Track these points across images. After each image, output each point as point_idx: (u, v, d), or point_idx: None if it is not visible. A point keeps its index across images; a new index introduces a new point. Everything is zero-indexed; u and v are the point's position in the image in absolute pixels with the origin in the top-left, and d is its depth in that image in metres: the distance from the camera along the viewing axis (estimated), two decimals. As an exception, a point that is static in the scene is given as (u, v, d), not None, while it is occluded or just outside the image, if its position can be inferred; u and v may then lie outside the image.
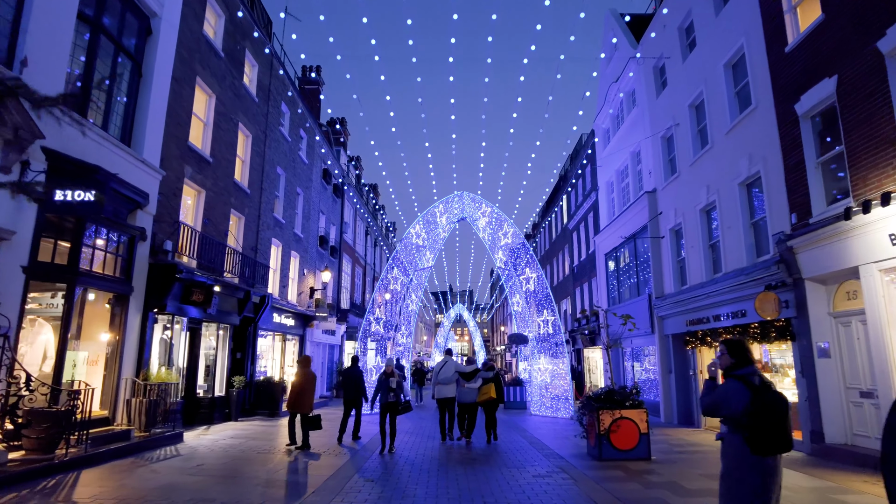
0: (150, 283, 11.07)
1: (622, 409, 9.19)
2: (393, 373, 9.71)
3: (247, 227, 16.28)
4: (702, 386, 13.94)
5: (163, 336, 11.99)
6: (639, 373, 19.58)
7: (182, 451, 9.40)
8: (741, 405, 3.70)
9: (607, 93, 21.36)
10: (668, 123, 15.76)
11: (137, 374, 10.51)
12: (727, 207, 12.43)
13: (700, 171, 13.84)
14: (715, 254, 13.53)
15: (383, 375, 9.87)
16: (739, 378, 3.84)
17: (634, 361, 19.05)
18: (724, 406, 3.83)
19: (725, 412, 3.83)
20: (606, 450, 9.06)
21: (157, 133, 11.43)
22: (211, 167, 14.02)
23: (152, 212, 11.19)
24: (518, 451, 10.02)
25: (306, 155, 22.37)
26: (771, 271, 10.14)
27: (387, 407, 9.68)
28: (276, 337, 19.42)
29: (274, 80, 18.77)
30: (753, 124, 11.35)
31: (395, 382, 9.62)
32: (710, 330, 13.00)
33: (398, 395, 9.70)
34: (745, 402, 3.69)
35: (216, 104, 14.38)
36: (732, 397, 3.77)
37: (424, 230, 20.19)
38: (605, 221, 21.89)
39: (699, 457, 9.39)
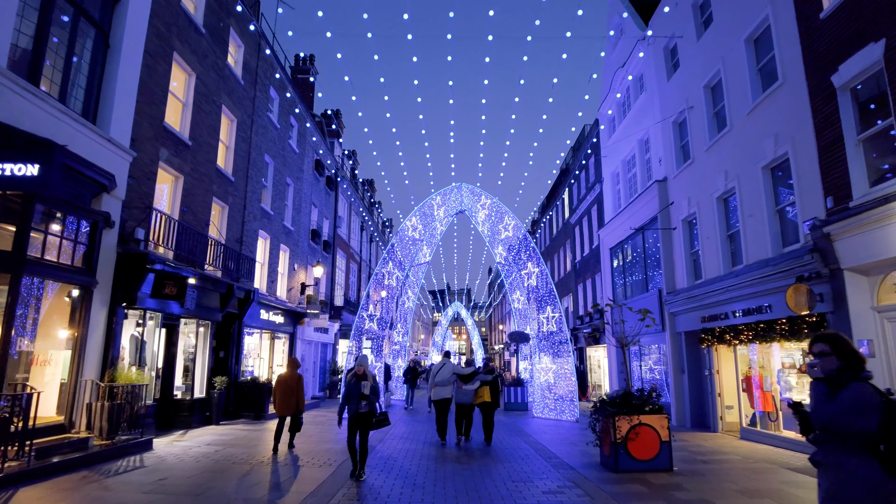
0: (118, 274, 10.04)
1: (641, 414, 8.21)
2: (365, 375, 7.50)
3: (231, 218, 15.25)
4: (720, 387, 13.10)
5: (134, 333, 10.97)
6: (644, 372, 18.65)
7: (148, 461, 8.38)
8: (876, 418, 2.73)
9: (613, 79, 20.38)
10: (681, 107, 14.79)
11: (102, 375, 9.49)
12: (748, 194, 11.46)
13: (717, 156, 12.87)
14: (733, 245, 12.57)
15: (352, 378, 7.49)
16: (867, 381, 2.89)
17: (641, 360, 18.10)
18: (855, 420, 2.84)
19: (857, 428, 2.84)
20: (623, 460, 8.08)
21: (126, 110, 10.40)
22: (190, 151, 12.99)
23: (121, 196, 10.16)
24: (523, 460, 9.05)
25: (297, 144, 21.34)
26: (803, 261, 9.17)
27: (357, 420, 7.39)
28: (265, 335, 18.40)
29: (262, 62, 17.73)
30: (780, 102, 10.38)
31: (367, 388, 7.34)
32: (728, 327, 12.04)
33: (372, 405, 7.45)
34: (879, 413, 2.72)
35: (196, 84, 13.35)
36: (867, 407, 2.80)
37: (421, 223, 19.19)
38: (609, 214, 20.93)
39: (727, 467, 8.42)
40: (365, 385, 7.37)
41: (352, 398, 7.39)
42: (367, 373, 7.58)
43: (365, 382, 7.39)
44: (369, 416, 7.46)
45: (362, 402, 7.35)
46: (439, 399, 11.04)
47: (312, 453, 9.49)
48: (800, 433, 3.35)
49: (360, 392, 7.33)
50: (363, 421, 7.39)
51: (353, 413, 7.38)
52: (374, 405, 7.49)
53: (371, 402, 7.43)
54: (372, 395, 7.42)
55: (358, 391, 7.36)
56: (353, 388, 7.42)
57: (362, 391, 7.32)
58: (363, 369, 7.54)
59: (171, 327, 12.43)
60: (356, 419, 7.38)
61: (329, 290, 25.56)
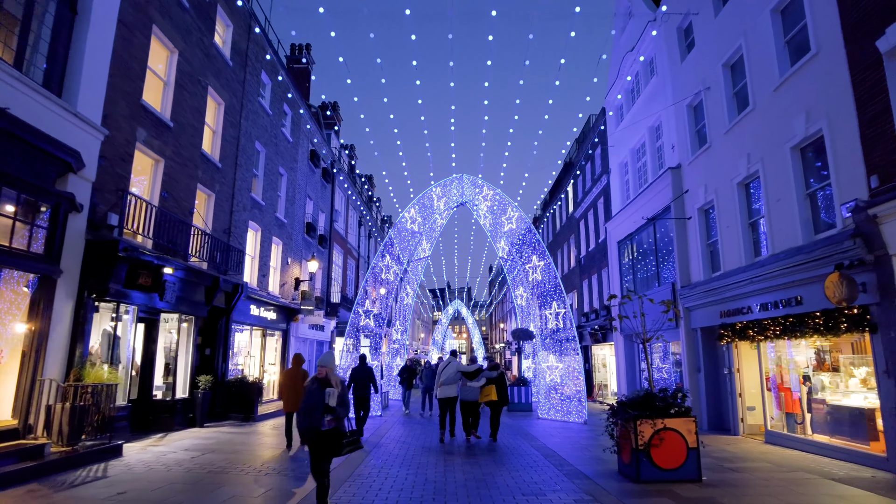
0: (87, 263, 9.14)
1: (665, 417, 7.32)
2: (328, 379, 5.56)
3: (217, 207, 14.34)
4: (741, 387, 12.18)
5: (107, 328, 10.07)
6: (654, 371, 17.76)
7: (112, 470, 7.49)
8: None
9: (621, 65, 19.46)
10: (696, 89, 13.88)
11: (68, 373, 8.60)
12: (775, 177, 10.56)
13: (738, 138, 11.97)
14: (756, 234, 11.67)
15: (313, 384, 5.58)
16: None
17: (652, 358, 17.21)
18: None
19: None
20: (646, 468, 7.19)
21: (97, 84, 9.49)
22: (172, 133, 12.08)
23: (90, 178, 9.26)
24: (532, 469, 8.15)
25: (290, 133, 20.43)
26: (843, 247, 8.27)
27: (320, 440, 5.41)
28: (256, 331, 17.51)
29: (252, 45, 16.82)
30: (812, 75, 9.48)
31: (333, 397, 5.39)
32: (750, 322, 11.15)
33: (340, 420, 5.50)
34: None
35: (179, 62, 12.44)
36: None
37: (420, 215, 18.29)
38: (617, 206, 20.02)
39: (761, 477, 7.52)
40: (330, 394, 5.39)
41: (312, 411, 5.41)
42: (334, 377, 5.58)
43: (330, 390, 5.41)
44: (336, 437, 5.47)
45: (326, 418, 5.38)
46: (445, 397, 11.07)
47: (300, 460, 8.59)
48: None
49: (323, 403, 5.39)
50: (327, 443, 5.43)
51: (314, 432, 5.40)
52: (341, 421, 5.53)
53: (339, 416, 5.47)
54: (340, 407, 5.46)
55: (320, 402, 5.40)
56: (314, 397, 5.44)
57: (326, 402, 5.37)
58: (326, 371, 5.58)
59: (151, 322, 11.54)
60: (318, 440, 5.41)
61: (325, 287, 24.67)
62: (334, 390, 5.44)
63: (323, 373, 5.61)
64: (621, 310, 8.55)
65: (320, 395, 5.42)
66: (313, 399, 5.45)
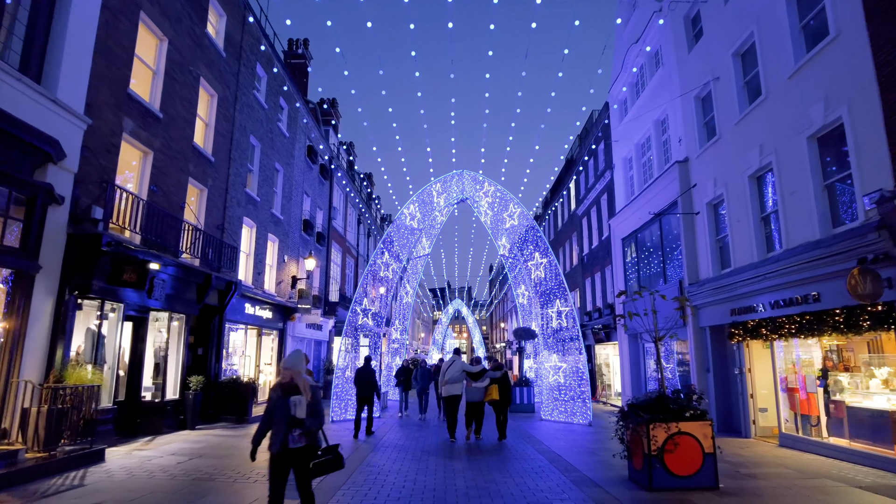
0: (68, 258, 8.70)
1: (680, 420, 6.87)
2: (294, 385, 4.53)
3: (210, 202, 13.89)
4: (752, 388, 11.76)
5: (91, 326, 9.62)
6: (652, 370, 17.33)
7: (90, 477, 7.04)
8: None
9: (625, 57, 19.00)
10: (705, 79, 13.43)
11: (47, 375, 8.14)
12: (790, 169, 10.11)
13: (749, 129, 11.51)
14: (769, 228, 11.22)
15: (276, 392, 4.58)
16: None
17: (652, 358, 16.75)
18: None
19: None
20: (659, 475, 6.74)
21: (79, 71, 9.04)
22: (161, 124, 11.63)
23: (72, 168, 8.81)
24: (537, 474, 7.71)
25: (287, 127, 19.97)
26: (866, 241, 7.82)
27: (285, 461, 4.47)
28: (251, 331, 17.07)
29: (247, 36, 16.37)
30: (831, 60, 9.02)
31: (301, 407, 4.37)
32: (763, 320, 10.69)
33: (312, 435, 4.50)
34: None
35: (169, 50, 11.99)
36: None
37: (420, 211, 17.83)
38: (621, 202, 19.56)
39: (782, 485, 7.06)
40: (296, 403, 4.35)
41: (276, 424, 4.46)
42: (302, 382, 4.54)
43: (298, 398, 4.37)
44: (306, 456, 4.45)
45: (294, 432, 4.38)
46: (449, 396, 11.06)
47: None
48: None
49: (289, 414, 4.37)
50: (296, 463, 4.45)
51: (278, 450, 4.39)
52: (314, 435, 4.53)
53: (309, 430, 4.45)
54: (311, 418, 4.44)
55: (286, 413, 4.39)
56: (279, 407, 4.46)
57: (293, 413, 4.33)
58: (292, 375, 4.55)
59: (139, 321, 11.09)
60: (283, 460, 4.43)
61: (323, 285, 24.22)
62: (302, 398, 4.38)
63: (288, 377, 4.55)
64: (632, 307, 8.11)
65: (285, 405, 4.41)
66: (278, 409, 4.45)
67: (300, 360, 4.67)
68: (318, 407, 4.54)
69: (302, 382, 4.53)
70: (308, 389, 4.51)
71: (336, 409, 14.32)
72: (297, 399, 4.38)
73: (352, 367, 15.03)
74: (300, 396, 4.41)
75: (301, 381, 4.53)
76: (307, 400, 4.43)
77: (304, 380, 4.56)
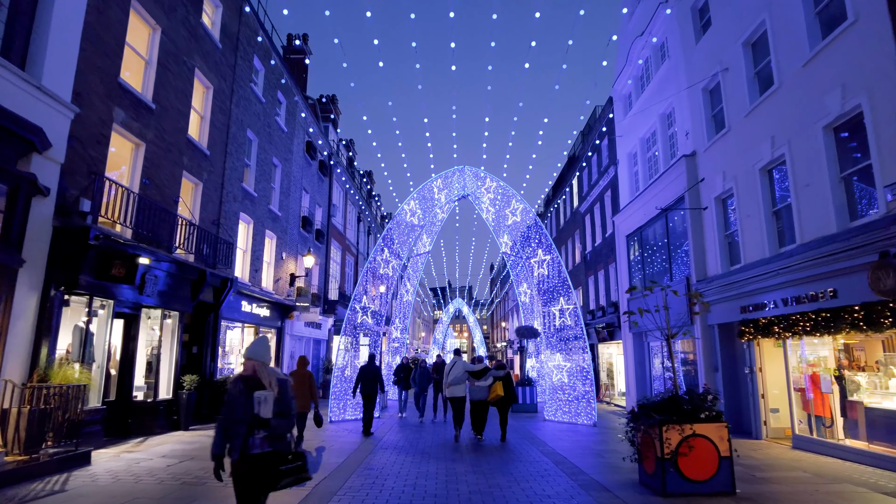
0: (54, 252, 8.35)
1: (695, 422, 6.51)
2: (258, 378, 3.83)
3: (205, 196, 13.54)
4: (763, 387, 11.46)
5: (79, 324, 9.27)
6: (658, 369, 16.98)
7: (74, 482, 6.69)
8: None
9: (629, 51, 18.63)
10: (713, 70, 13.06)
11: (31, 374, 7.80)
12: (804, 160, 9.74)
13: (760, 120, 11.15)
14: (781, 223, 10.85)
15: (237, 385, 3.85)
16: None
17: (663, 357, 16.40)
18: None
19: None
20: (673, 480, 6.39)
21: (66, 57, 8.70)
22: (154, 115, 11.28)
23: (58, 159, 8.47)
24: (543, 478, 7.35)
25: (285, 122, 19.62)
26: (888, 233, 7.45)
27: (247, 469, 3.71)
28: (248, 329, 16.72)
29: (244, 28, 16.01)
30: (849, 46, 8.66)
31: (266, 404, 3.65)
32: (776, 317, 10.32)
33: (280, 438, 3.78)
34: None
35: (162, 40, 11.64)
36: None
37: (420, 208, 17.47)
38: (626, 199, 19.19)
39: (802, 490, 6.71)
40: (262, 399, 3.62)
41: (236, 426, 3.69)
42: (267, 374, 3.80)
43: (263, 394, 3.64)
44: (271, 463, 3.69)
45: (257, 435, 3.67)
46: (453, 397, 11.18)
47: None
48: None
49: (251, 413, 3.65)
50: (259, 472, 3.68)
51: (239, 457, 3.66)
52: (282, 439, 3.77)
53: (276, 433, 3.71)
54: (279, 418, 3.71)
55: (248, 412, 3.66)
56: (239, 404, 3.71)
57: (256, 411, 3.61)
58: (255, 367, 3.82)
59: (130, 318, 10.75)
60: (246, 468, 3.67)
61: (322, 283, 23.88)
62: (268, 394, 3.64)
63: (250, 368, 3.83)
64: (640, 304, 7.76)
65: (247, 401, 3.66)
66: (238, 406, 3.70)
67: (265, 349, 3.92)
68: (287, 405, 3.79)
69: (267, 376, 3.80)
70: (275, 383, 3.77)
71: (335, 409, 13.98)
72: (261, 395, 3.63)
73: (351, 366, 14.68)
74: (266, 391, 3.67)
75: (266, 375, 3.80)
76: (274, 396, 3.69)
77: (269, 372, 3.83)
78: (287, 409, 3.79)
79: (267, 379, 3.78)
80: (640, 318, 7.34)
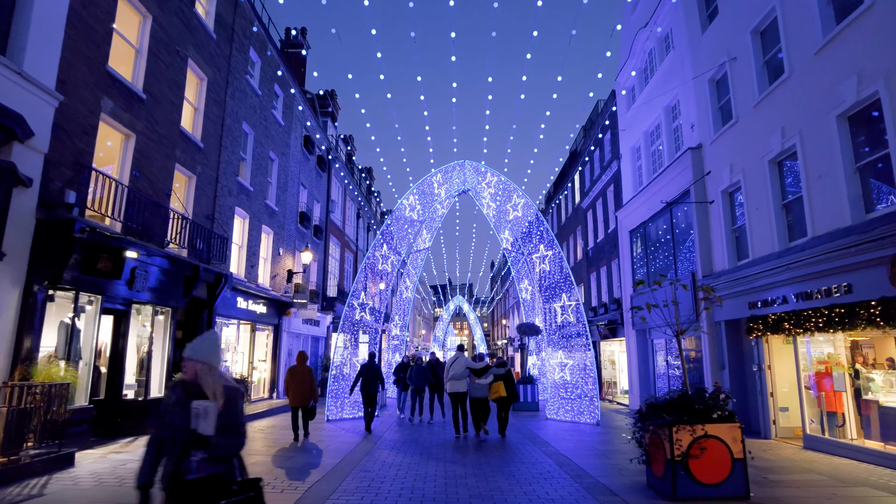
0: (37, 245, 8.04)
1: (707, 423, 6.19)
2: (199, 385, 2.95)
3: (199, 190, 13.21)
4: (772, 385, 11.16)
5: (65, 320, 8.95)
6: (662, 367, 16.67)
7: (54, 485, 6.38)
8: None
9: (633, 42, 18.28)
10: (720, 60, 12.70)
11: (13, 371, 7.49)
12: (816, 151, 9.40)
13: (770, 111, 10.81)
14: (791, 216, 10.52)
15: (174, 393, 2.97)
16: None
17: (668, 354, 16.09)
18: None
19: None
20: (683, 484, 6.06)
21: (50, 43, 8.36)
22: (145, 106, 10.95)
23: (42, 149, 8.14)
24: (546, 481, 7.04)
25: (282, 116, 19.28)
26: (908, 225, 7.12)
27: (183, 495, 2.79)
28: (244, 326, 16.41)
29: (240, 19, 15.67)
30: (865, 31, 8.31)
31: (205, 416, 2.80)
32: (786, 313, 9.98)
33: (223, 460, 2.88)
34: None
35: (153, 28, 11.30)
36: None
37: (420, 202, 17.13)
38: (629, 193, 18.85)
39: (820, 495, 6.38)
40: (201, 412, 2.84)
41: (169, 443, 2.89)
42: (212, 381, 2.96)
43: (204, 405, 2.85)
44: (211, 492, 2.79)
45: (194, 456, 2.82)
46: (455, 392, 11.22)
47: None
48: None
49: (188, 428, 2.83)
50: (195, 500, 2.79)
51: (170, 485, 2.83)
52: (227, 462, 2.92)
53: (219, 454, 2.86)
54: (224, 436, 2.86)
55: (184, 426, 2.85)
56: (175, 416, 2.90)
57: (194, 427, 2.82)
58: (196, 370, 2.96)
59: (120, 314, 10.43)
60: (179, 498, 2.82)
61: (321, 280, 23.56)
62: (210, 405, 2.84)
63: (191, 372, 2.96)
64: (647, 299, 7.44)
65: (184, 413, 2.84)
66: (175, 421, 2.87)
67: (212, 348, 3.04)
68: (234, 419, 2.93)
69: (212, 382, 2.94)
70: (221, 393, 2.92)
71: (332, 407, 13.67)
72: (201, 406, 2.82)
73: (350, 364, 14.37)
74: (207, 402, 2.85)
75: (210, 380, 2.94)
76: (219, 407, 2.87)
77: (216, 378, 2.97)
78: (235, 424, 2.92)
79: (211, 387, 2.93)
80: (648, 313, 7.02)
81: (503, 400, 10.98)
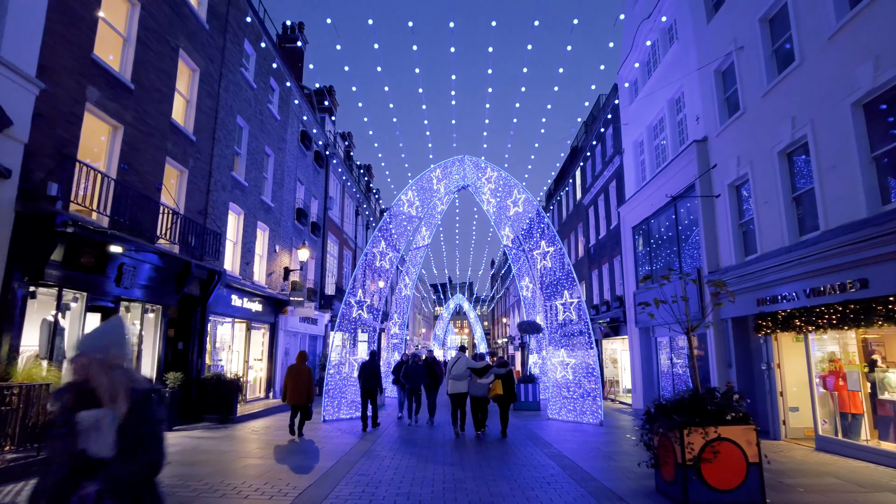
0: (16, 239, 7.68)
1: (720, 424, 5.85)
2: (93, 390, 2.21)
3: (192, 184, 12.86)
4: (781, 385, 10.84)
5: (47, 318, 8.60)
6: (665, 366, 16.33)
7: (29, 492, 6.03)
8: None
9: (635, 35, 17.90)
10: (727, 50, 12.34)
11: (-9, 370, 7.14)
12: (829, 141, 9.05)
13: (779, 100, 10.45)
14: (801, 209, 10.16)
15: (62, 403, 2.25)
16: None
17: (673, 352, 15.75)
18: None
19: None
20: (696, 489, 5.72)
21: (30, 27, 8.01)
22: (133, 96, 10.59)
23: (21, 138, 7.79)
24: (549, 485, 6.69)
25: (279, 110, 18.91)
26: (930, 216, 6.77)
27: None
28: (239, 324, 16.06)
29: (234, 9, 15.29)
30: (882, 13, 7.95)
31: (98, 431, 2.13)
32: (797, 310, 9.64)
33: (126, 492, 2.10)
34: None
35: (142, 16, 10.94)
36: None
37: (419, 198, 16.79)
38: (632, 189, 18.49)
39: (837, 500, 6.04)
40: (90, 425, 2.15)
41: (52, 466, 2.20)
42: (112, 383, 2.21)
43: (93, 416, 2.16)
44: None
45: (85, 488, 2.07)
46: (455, 392, 11.22)
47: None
48: None
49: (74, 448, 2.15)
50: None
51: None
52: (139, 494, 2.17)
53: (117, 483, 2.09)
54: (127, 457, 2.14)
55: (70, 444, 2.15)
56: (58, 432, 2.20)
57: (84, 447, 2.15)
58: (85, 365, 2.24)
59: (107, 311, 10.06)
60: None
61: (318, 278, 23.22)
62: (103, 414, 2.18)
63: (82, 373, 2.26)
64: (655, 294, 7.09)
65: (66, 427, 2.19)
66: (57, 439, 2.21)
67: (113, 338, 2.32)
68: (142, 435, 2.19)
69: (108, 383, 2.22)
70: (122, 396, 2.21)
71: (328, 407, 13.32)
72: (89, 417, 2.15)
73: (348, 362, 14.03)
74: (98, 411, 2.17)
75: (106, 381, 2.22)
76: (118, 417, 2.17)
77: (116, 377, 2.24)
78: (143, 441, 2.16)
79: (107, 389, 2.18)
80: (657, 309, 6.67)
81: (502, 398, 11.04)
